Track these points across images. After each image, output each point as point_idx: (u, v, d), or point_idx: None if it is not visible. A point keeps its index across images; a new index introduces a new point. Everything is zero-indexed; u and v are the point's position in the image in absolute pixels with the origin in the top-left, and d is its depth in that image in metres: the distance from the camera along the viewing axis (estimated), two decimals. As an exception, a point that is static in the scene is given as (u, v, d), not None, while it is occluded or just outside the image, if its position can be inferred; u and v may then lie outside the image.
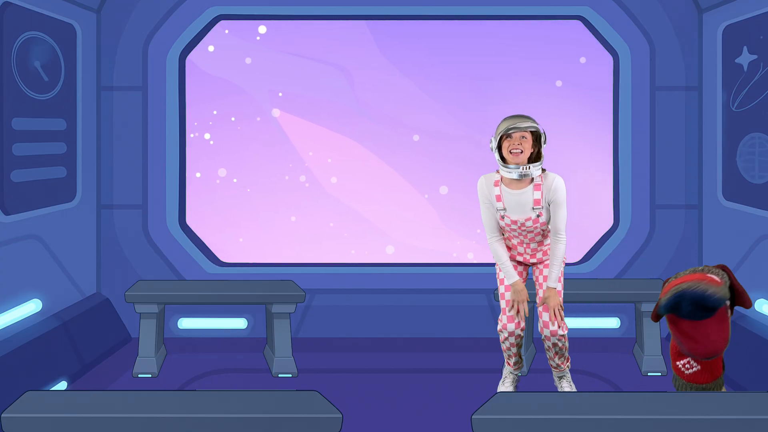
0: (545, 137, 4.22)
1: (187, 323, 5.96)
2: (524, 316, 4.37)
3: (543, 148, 4.23)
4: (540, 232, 4.34)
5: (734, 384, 4.78)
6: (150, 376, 5.11)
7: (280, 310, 5.11)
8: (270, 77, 6.24)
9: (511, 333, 4.39)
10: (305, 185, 6.27)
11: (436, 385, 4.83)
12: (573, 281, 5.27)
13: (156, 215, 6.03)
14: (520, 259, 4.47)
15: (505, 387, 4.64)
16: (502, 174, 4.23)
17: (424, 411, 4.43)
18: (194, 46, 6.13)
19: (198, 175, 6.23)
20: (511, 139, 4.14)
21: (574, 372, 4.99)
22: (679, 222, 6.01)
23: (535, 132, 4.18)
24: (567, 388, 4.58)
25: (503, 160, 4.21)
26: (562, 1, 6.00)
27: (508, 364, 4.61)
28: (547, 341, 4.39)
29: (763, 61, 5.02)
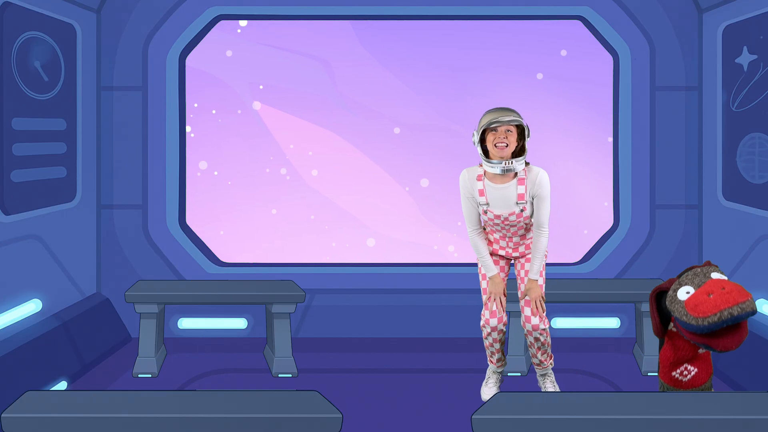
0: (528, 131, 4.18)
1: (187, 323, 5.96)
2: (503, 310, 4.37)
3: (527, 141, 4.17)
4: (523, 226, 4.31)
5: (734, 384, 4.78)
6: (150, 376, 5.11)
7: (280, 310, 5.11)
8: (251, 70, 6.24)
9: (494, 328, 4.39)
10: (286, 178, 6.27)
11: (436, 385, 4.83)
12: (573, 281, 5.27)
13: (156, 215, 6.03)
14: (503, 253, 4.45)
15: (488, 388, 4.64)
16: (485, 168, 4.18)
17: (424, 411, 4.43)
18: (194, 46, 6.13)
19: None
20: (495, 132, 4.09)
21: (574, 372, 5.00)
22: (679, 222, 6.00)
23: (519, 126, 4.14)
24: (550, 388, 4.56)
25: (486, 154, 4.17)
26: (562, 1, 6.00)
27: (491, 362, 4.61)
28: (529, 336, 4.38)
29: (763, 61, 5.01)
